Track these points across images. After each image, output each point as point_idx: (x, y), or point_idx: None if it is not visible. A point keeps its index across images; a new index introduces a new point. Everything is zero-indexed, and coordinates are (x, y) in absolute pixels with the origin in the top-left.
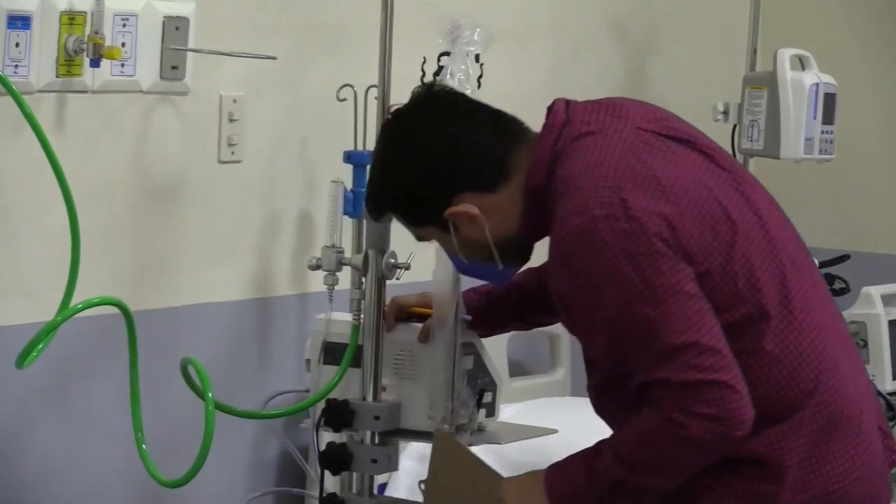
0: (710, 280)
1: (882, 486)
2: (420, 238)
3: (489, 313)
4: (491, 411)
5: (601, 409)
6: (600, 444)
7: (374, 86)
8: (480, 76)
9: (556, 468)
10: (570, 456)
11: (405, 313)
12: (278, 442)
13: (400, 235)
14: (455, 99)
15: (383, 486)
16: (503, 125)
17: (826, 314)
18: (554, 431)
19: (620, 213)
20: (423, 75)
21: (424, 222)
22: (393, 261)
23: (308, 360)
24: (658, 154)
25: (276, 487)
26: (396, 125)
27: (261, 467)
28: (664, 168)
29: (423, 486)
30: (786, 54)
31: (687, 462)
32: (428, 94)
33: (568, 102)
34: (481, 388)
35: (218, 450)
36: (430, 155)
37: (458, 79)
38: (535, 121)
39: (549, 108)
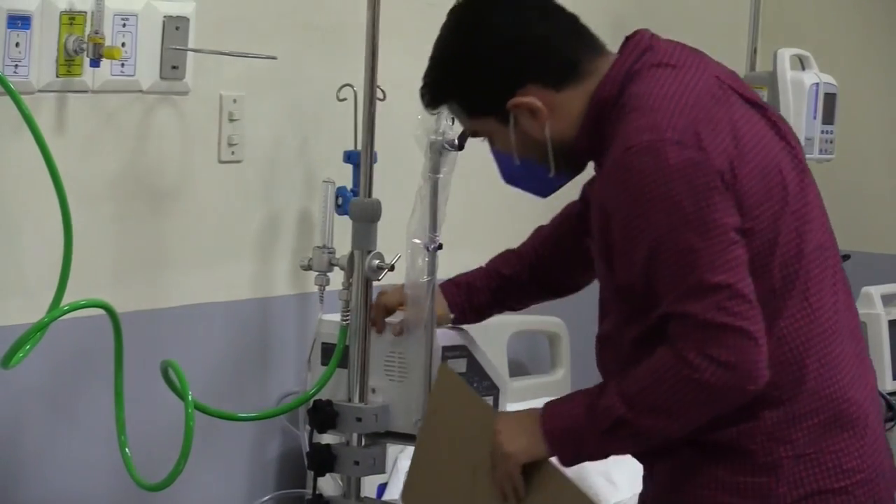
0: (750, 239)
1: (890, 497)
2: (473, 133)
3: (470, 303)
4: None
5: (601, 362)
6: (604, 384)
7: (379, 87)
8: None
9: (554, 403)
10: (570, 393)
11: (392, 312)
12: (278, 443)
13: (387, 237)
14: None
15: (383, 486)
16: (580, 29)
17: (845, 314)
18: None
19: (691, 142)
20: None
21: (484, 112)
22: (377, 262)
23: (309, 361)
24: (734, 105)
25: (277, 491)
26: (467, 9)
27: (261, 469)
28: (738, 119)
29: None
30: (786, 54)
31: (693, 409)
32: None
33: (652, 34)
34: None
35: (218, 452)
36: (500, 40)
37: None
38: None
39: (630, 36)
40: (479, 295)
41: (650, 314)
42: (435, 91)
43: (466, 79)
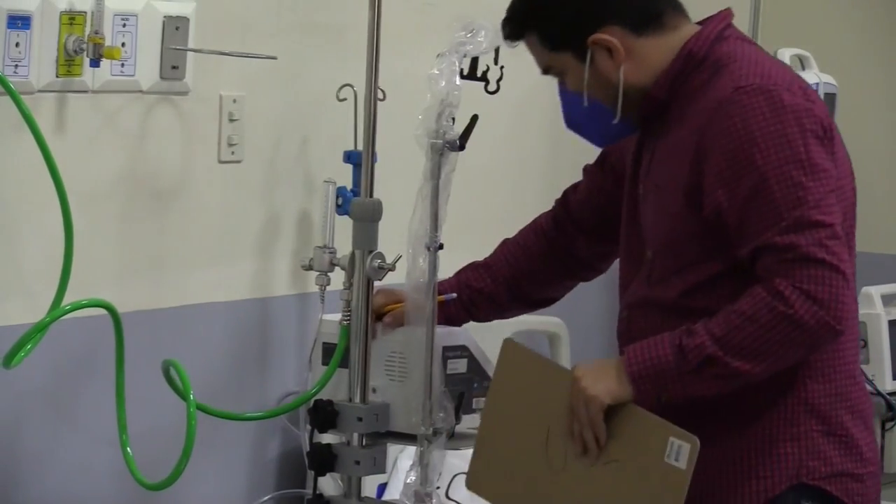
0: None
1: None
2: (546, 69)
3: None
4: None
5: (634, 329)
6: (692, 326)
7: (380, 87)
8: (500, 78)
9: (638, 346)
10: (654, 337)
11: (380, 316)
12: (278, 443)
13: (388, 236)
14: None
15: (383, 486)
16: None
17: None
18: None
19: (800, 93)
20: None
21: (563, 46)
22: (378, 262)
23: (310, 361)
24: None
25: (277, 491)
26: None
27: (261, 469)
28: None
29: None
30: (786, 54)
31: (783, 348)
32: None
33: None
34: (461, 392)
35: (218, 451)
36: None
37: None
38: (534, 121)
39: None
40: (449, 306)
41: (721, 256)
42: (517, 22)
43: (551, 11)
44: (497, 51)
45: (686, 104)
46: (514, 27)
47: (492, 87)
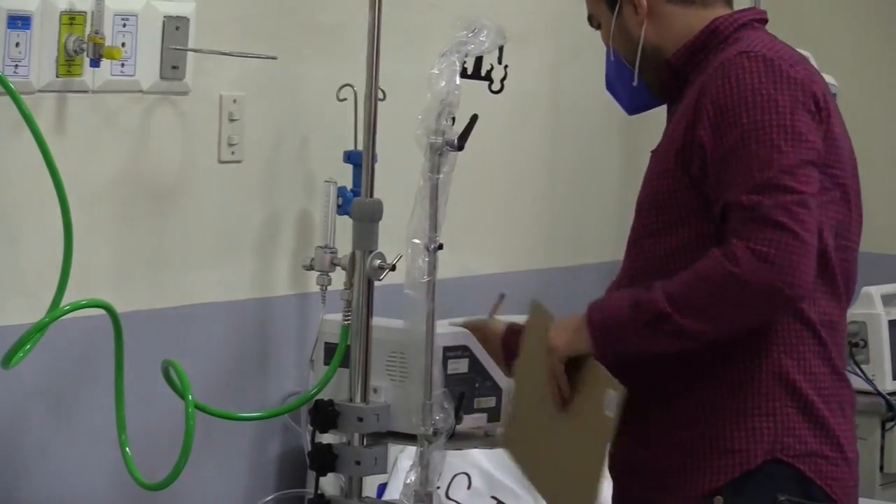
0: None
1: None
2: (590, 17)
3: None
4: (495, 417)
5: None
6: (651, 283)
7: (380, 87)
8: (504, 78)
9: (601, 300)
10: (618, 292)
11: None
12: (279, 443)
13: (387, 237)
14: None
15: (383, 486)
16: None
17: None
18: None
19: (801, 68)
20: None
21: None
22: (379, 261)
23: (311, 360)
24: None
25: (278, 491)
26: None
27: (262, 469)
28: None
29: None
30: None
31: (731, 309)
32: None
33: None
34: (461, 392)
35: (219, 451)
36: None
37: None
38: (534, 121)
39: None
40: None
41: (701, 218)
42: None
43: None
44: (501, 50)
45: (695, 81)
46: None
47: (496, 86)
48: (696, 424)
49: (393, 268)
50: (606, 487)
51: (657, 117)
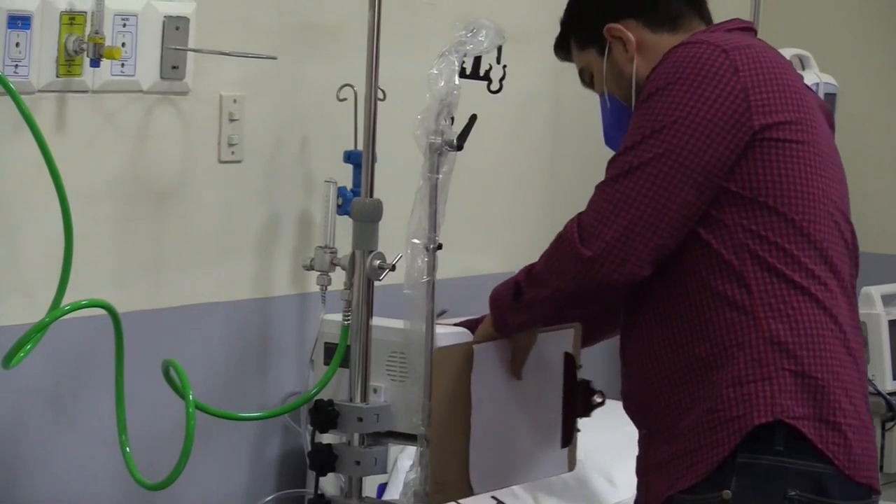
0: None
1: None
2: (581, 71)
3: None
4: None
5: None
6: None
7: (380, 87)
8: (503, 78)
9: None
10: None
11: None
12: (279, 443)
13: (387, 237)
14: None
15: (383, 486)
16: None
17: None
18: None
19: (736, 63)
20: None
21: (589, 42)
22: (379, 262)
23: (311, 360)
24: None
25: (278, 491)
26: None
27: (262, 469)
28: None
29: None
30: (786, 54)
31: (552, 275)
32: None
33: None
34: None
35: (219, 451)
36: None
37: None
38: (534, 121)
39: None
40: None
41: None
42: (561, 32)
43: (579, 8)
44: (500, 50)
45: None
46: (558, 38)
47: (494, 86)
48: (696, 404)
49: (393, 268)
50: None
51: None
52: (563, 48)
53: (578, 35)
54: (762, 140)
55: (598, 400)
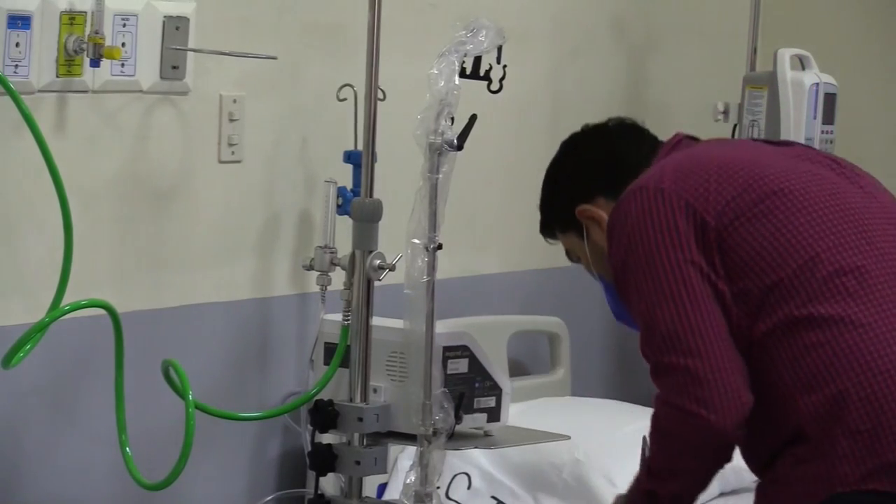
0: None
1: None
2: (569, 254)
3: None
4: (495, 417)
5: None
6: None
7: (380, 87)
8: (503, 78)
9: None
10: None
11: None
12: (279, 443)
13: (388, 236)
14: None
15: (383, 486)
16: (645, 136)
17: None
18: (566, 438)
19: (688, 180)
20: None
21: (568, 226)
22: (379, 261)
23: (311, 360)
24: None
25: (278, 491)
26: (566, 141)
27: (262, 469)
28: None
29: None
30: (786, 54)
31: (683, 461)
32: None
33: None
34: (461, 392)
35: (219, 451)
36: (579, 160)
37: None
38: (534, 121)
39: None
40: None
41: None
42: (542, 219)
43: (551, 195)
44: (500, 50)
45: None
46: (541, 223)
47: (494, 86)
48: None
49: (392, 268)
50: None
51: (655, 118)
52: (547, 232)
53: (557, 220)
54: (723, 230)
55: None
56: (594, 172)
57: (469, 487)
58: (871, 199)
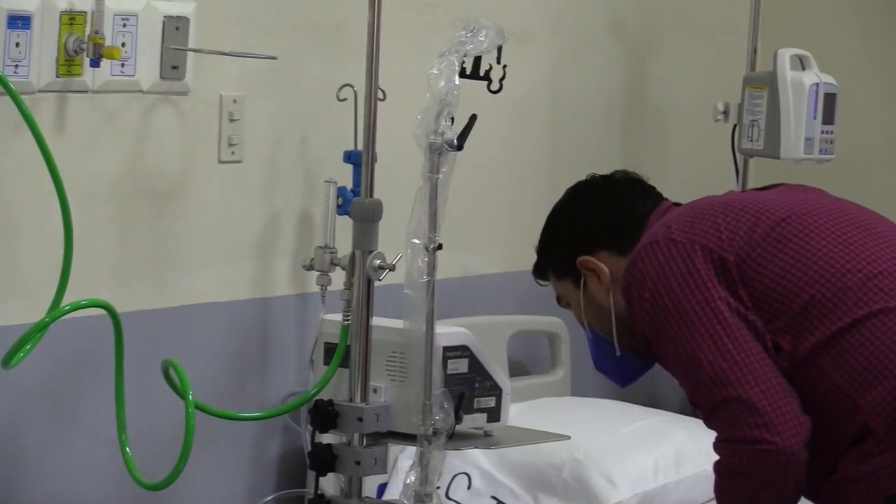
0: None
1: None
2: (559, 299)
3: None
4: (495, 417)
5: None
6: None
7: (380, 87)
8: (503, 78)
9: None
10: None
11: None
12: (279, 443)
13: (388, 237)
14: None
15: (383, 486)
16: (650, 192)
17: None
18: (566, 438)
19: (699, 225)
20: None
21: (564, 273)
22: (379, 262)
23: (311, 360)
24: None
25: (278, 491)
26: (571, 190)
27: (262, 469)
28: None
29: None
30: (786, 54)
31: (761, 496)
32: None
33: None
34: (461, 392)
35: (219, 451)
36: (585, 212)
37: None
38: (534, 121)
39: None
40: None
41: None
42: (538, 260)
43: (552, 240)
44: (500, 50)
45: None
46: (535, 264)
47: (494, 86)
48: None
49: (392, 268)
50: None
51: (655, 118)
52: (540, 274)
53: (553, 265)
54: (743, 263)
55: None
56: (601, 225)
57: (469, 487)
58: (865, 210)
